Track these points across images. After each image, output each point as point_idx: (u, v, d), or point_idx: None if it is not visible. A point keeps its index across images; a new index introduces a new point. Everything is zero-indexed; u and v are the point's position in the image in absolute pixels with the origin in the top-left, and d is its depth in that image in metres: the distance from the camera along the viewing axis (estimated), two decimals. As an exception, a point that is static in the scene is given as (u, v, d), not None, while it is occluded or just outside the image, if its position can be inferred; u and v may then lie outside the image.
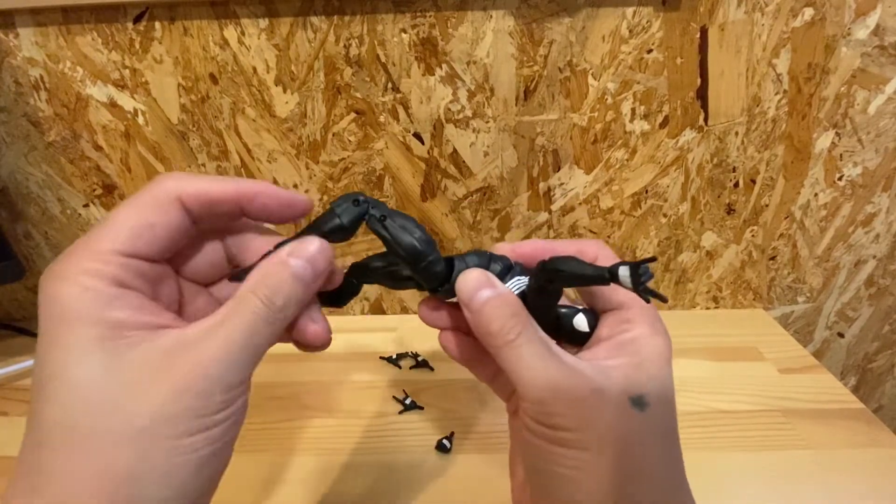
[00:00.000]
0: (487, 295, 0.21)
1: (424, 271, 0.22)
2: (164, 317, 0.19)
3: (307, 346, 0.22)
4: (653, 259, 0.18)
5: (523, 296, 0.22)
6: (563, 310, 0.24)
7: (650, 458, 0.20)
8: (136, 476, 0.16)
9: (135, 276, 0.18)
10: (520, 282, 0.23)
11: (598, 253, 0.24)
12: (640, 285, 0.18)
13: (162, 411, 0.16)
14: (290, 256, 0.20)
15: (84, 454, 0.16)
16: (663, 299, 0.18)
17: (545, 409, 0.20)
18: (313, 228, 0.22)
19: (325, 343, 0.22)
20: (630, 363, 0.21)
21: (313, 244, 0.20)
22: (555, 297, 0.22)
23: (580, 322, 0.23)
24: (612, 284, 0.19)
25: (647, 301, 0.18)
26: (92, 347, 0.16)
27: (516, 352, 0.20)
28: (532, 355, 0.20)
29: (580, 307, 0.24)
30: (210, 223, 0.21)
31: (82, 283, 0.17)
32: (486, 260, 0.23)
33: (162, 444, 0.16)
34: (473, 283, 0.22)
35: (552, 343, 0.21)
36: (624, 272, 0.18)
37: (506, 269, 0.23)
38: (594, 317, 0.24)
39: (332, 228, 0.21)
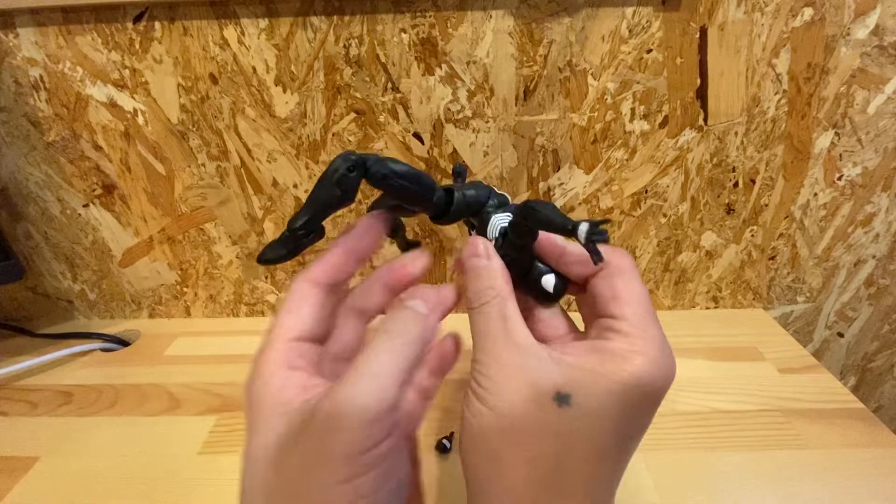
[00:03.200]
0: (475, 262, 0.23)
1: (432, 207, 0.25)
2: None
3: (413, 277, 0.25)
4: (607, 221, 0.19)
5: (505, 231, 0.24)
6: (541, 266, 0.24)
7: (569, 464, 0.19)
8: None
9: (300, 357, 0.21)
10: (507, 218, 0.25)
11: (621, 263, 0.22)
12: (592, 242, 0.19)
13: (311, 472, 0.18)
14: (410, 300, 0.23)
15: None
16: (600, 258, 0.19)
17: (480, 372, 0.21)
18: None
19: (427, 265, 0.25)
20: (584, 367, 0.20)
21: (429, 294, 0.23)
22: (528, 236, 0.23)
23: (547, 281, 0.24)
24: (572, 238, 0.20)
25: (595, 260, 0.20)
26: (275, 427, 0.19)
27: (480, 317, 0.22)
28: (492, 324, 0.21)
29: (552, 270, 0.24)
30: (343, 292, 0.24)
31: (266, 372, 0.21)
32: (487, 193, 0.25)
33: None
34: (470, 248, 0.24)
35: (518, 322, 0.22)
36: (583, 227, 0.19)
37: (500, 205, 0.25)
38: (563, 282, 0.24)
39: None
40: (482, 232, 0.25)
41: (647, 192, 0.49)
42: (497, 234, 0.24)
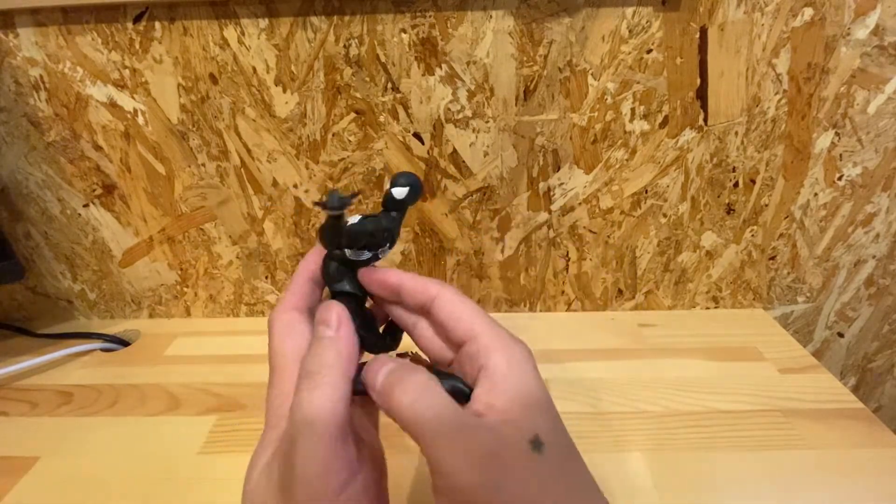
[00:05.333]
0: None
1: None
2: None
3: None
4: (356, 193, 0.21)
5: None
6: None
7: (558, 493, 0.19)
8: None
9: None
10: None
11: (437, 292, 0.23)
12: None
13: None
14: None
15: None
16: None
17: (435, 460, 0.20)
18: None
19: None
20: (512, 396, 0.20)
21: (327, 310, 0.22)
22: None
23: (397, 192, 0.24)
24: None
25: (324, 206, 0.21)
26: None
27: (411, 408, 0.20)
28: (430, 412, 0.20)
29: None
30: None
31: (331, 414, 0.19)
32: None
33: None
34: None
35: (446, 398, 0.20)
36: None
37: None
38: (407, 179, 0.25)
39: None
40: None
41: (647, 192, 0.49)
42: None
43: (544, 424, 0.19)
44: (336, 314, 0.22)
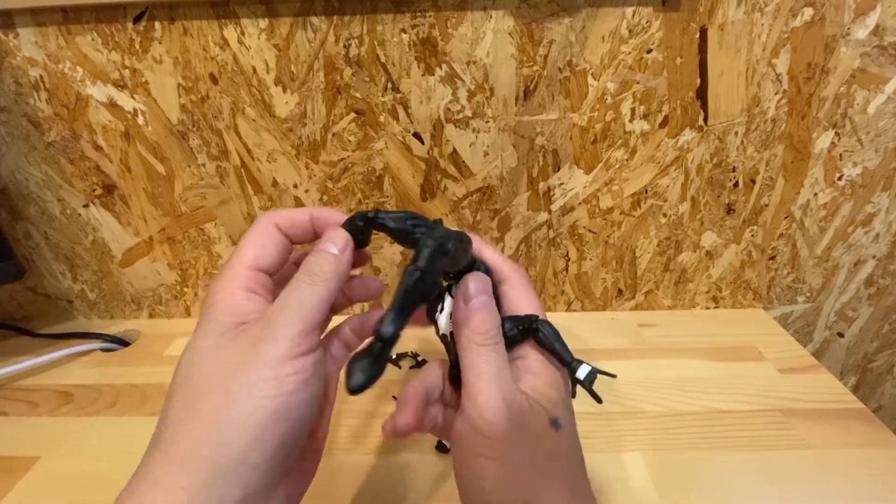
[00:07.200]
0: (486, 300, 0.26)
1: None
2: None
3: (367, 296, 0.29)
4: (613, 375, 0.25)
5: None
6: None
7: (559, 468, 0.24)
8: (222, 421, 0.20)
9: (259, 285, 0.24)
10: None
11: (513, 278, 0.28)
12: (589, 385, 0.25)
13: (245, 368, 0.21)
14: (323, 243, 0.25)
15: (190, 406, 0.21)
16: (598, 400, 0.25)
17: (483, 417, 0.23)
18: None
19: (379, 292, 0.29)
20: (543, 386, 0.25)
21: (339, 236, 0.25)
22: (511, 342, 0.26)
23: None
24: (567, 370, 0.25)
25: (597, 401, 0.25)
26: (220, 329, 0.23)
27: (487, 357, 0.24)
28: (491, 368, 0.24)
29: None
30: (302, 240, 0.27)
31: (226, 291, 0.24)
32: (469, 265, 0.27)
33: (244, 395, 0.20)
34: (482, 285, 0.26)
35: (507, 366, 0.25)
36: (583, 371, 0.25)
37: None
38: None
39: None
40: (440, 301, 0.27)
41: (647, 192, 0.49)
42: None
43: (562, 412, 0.25)
44: (344, 239, 0.25)
